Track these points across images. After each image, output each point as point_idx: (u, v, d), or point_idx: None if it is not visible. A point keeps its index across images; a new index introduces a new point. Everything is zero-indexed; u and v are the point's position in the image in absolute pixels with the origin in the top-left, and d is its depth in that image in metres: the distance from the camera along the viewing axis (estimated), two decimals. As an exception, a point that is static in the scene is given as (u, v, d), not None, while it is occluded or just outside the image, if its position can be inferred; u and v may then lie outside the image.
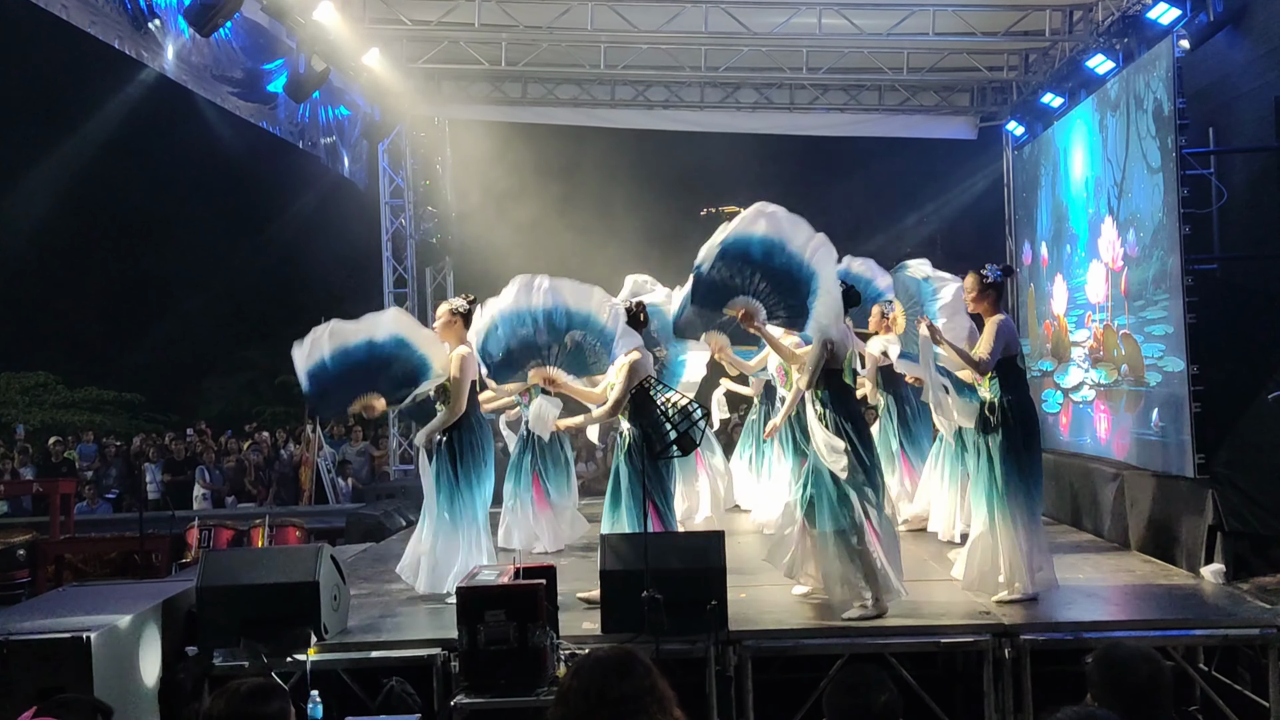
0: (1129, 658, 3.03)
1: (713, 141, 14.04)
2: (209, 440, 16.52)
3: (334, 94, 12.00)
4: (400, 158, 13.90)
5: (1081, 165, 9.83)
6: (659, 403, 5.68)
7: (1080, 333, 9.83)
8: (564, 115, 13.26)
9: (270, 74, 10.30)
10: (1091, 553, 8.14)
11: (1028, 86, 11.97)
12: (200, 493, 14.69)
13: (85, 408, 22.97)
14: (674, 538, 6.41)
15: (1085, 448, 9.72)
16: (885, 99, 13.05)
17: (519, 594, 5.19)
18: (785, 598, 6.80)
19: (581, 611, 6.28)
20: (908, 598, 6.26)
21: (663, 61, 12.04)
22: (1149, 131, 8.16)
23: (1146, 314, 8.26)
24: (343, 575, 6.24)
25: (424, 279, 14.28)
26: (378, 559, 8.95)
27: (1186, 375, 7.51)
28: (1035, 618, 6.06)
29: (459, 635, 5.20)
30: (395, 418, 14.00)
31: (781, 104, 13.13)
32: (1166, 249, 7.84)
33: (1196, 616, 6.04)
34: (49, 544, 10.10)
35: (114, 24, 7.99)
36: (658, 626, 5.21)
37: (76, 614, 5.42)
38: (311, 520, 11.08)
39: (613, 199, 14.47)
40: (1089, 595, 6.92)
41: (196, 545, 9.47)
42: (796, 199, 15.76)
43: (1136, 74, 8.49)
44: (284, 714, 3.06)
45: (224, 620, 5.75)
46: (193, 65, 9.05)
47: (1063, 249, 10.36)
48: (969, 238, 15.41)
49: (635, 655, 2.54)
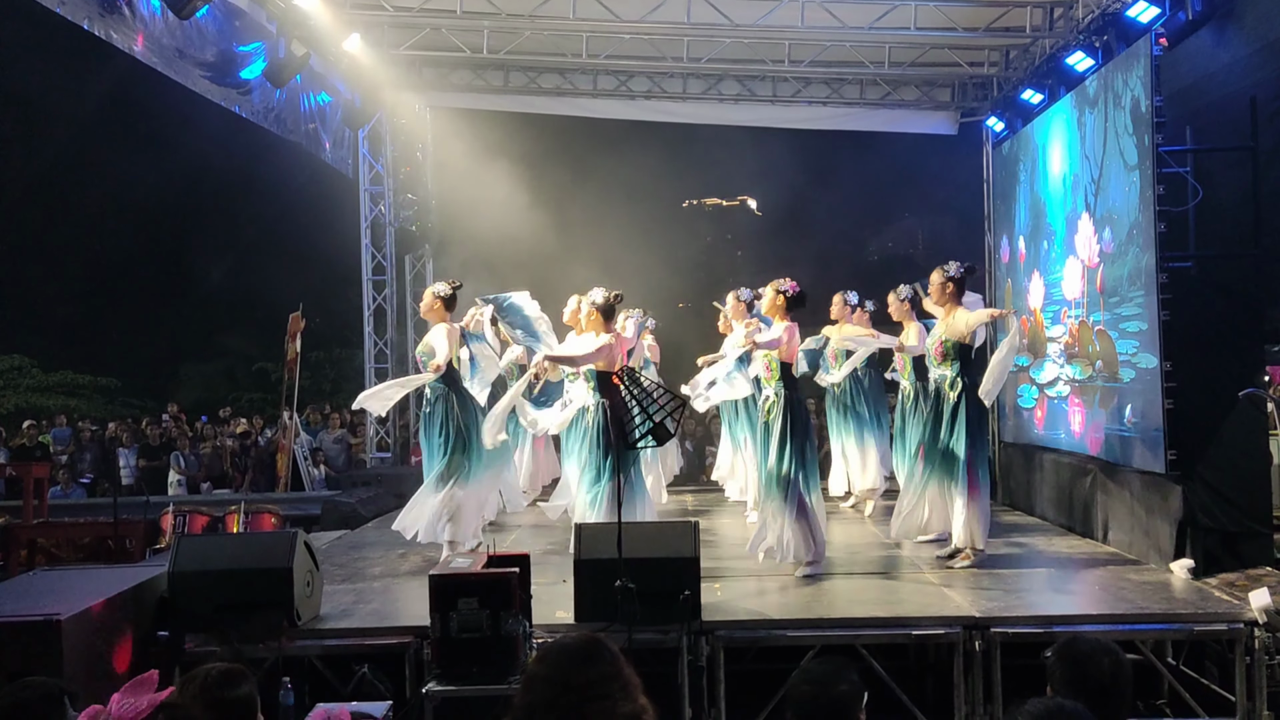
0: (1090, 651, 3.05)
1: (695, 133, 14.03)
2: (184, 426, 16.44)
3: (314, 79, 11.92)
4: (380, 145, 13.84)
5: (1060, 162, 9.88)
6: (635, 391, 5.69)
7: (1056, 328, 9.89)
8: (546, 104, 13.22)
9: (245, 57, 10.19)
10: (1063, 547, 8.22)
11: (1008, 83, 12.00)
12: (175, 478, 14.63)
13: (60, 391, 22.85)
14: (648, 527, 6.43)
15: (1060, 443, 9.78)
16: (867, 93, 13.07)
17: (492, 582, 5.20)
18: (759, 589, 6.84)
19: (554, 600, 6.29)
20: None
21: (645, 52, 12.01)
22: (1126, 129, 8.20)
23: (1121, 310, 8.32)
24: (316, 562, 6.24)
25: (403, 267, 14.23)
26: (353, 546, 8.96)
27: (1160, 372, 7.56)
28: (1006, 611, 6.11)
29: (431, 623, 5.20)
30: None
31: (764, 96, 13.12)
32: (1142, 246, 7.89)
33: (1165, 611, 6.10)
34: (21, 528, 10.04)
35: (83, 4, 7.87)
36: (631, 616, 5.23)
37: (48, 597, 5.39)
38: (287, 507, 11.03)
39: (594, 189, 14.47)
40: (1059, 589, 6.99)
41: (171, 531, 9.43)
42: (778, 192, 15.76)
43: (1115, 71, 8.53)
44: (251, 698, 3.07)
45: (196, 605, 5.74)
46: (164, 47, 8.90)
47: (1040, 245, 10.41)
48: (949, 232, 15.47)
49: (601, 642, 2.55)
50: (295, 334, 14.02)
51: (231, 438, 15.79)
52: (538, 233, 12.75)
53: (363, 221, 13.82)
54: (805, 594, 6.66)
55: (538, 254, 12.50)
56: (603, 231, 13.67)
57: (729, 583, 6.95)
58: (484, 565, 5.49)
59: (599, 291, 7.39)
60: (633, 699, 2.47)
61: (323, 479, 14.34)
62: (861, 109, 13.16)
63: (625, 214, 14.53)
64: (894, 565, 7.55)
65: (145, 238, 24.14)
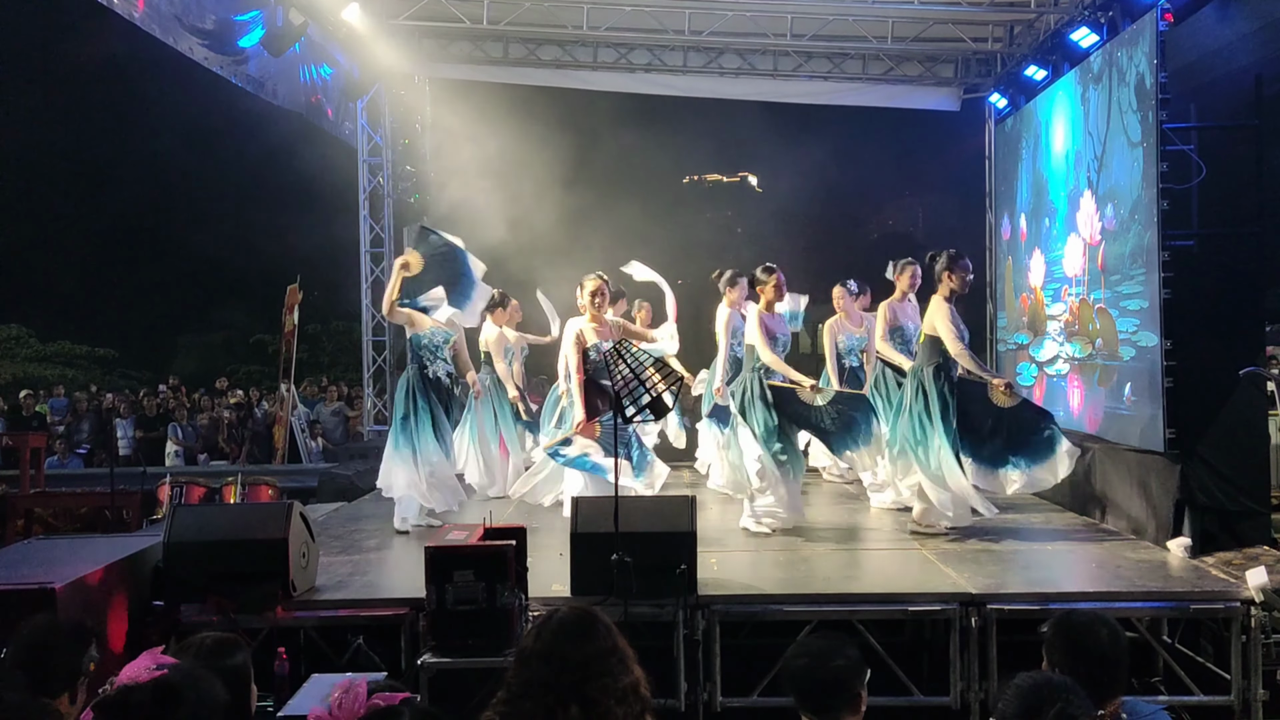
0: (1088, 623, 3.05)
1: (696, 107, 13.93)
2: (182, 397, 16.42)
3: (313, 49, 11.83)
4: (379, 116, 13.75)
5: (1062, 139, 9.83)
6: (633, 365, 5.66)
7: (1056, 306, 9.86)
8: (545, 77, 13.14)
9: (243, 26, 10.11)
10: (1060, 524, 8.21)
11: (1012, 59, 11.92)
12: (172, 449, 14.63)
13: (58, 362, 22.83)
14: (645, 501, 6.42)
15: (1058, 421, 9.74)
16: (869, 68, 12.99)
17: (488, 555, 5.18)
18: (755, 563, 6.84)
19: (551, 573, 6.28)
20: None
21: (646, 24, 11.93)
22: (1130, 105, 8.15)
23: (1122, 289, 8.29)
24: (312, 533, 6.22)
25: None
26: (349, 518, 8.95)
27: (1160, 350, 7.54)
28: (1002, 587, 6.10)
29: (427, 595, 5.19)
30: (371, 378, 13.95)
31: (765, 70, 13.04)
32: (1144, 224, 7.85)
33: (1162, 589, 6.09)
34: (18, 498, 10.03)
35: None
36: (626, 590, 5.21)
37: (43, 566, 5.37)
38: (284, 479, 11.02)
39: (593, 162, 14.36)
40: (1056, 566, 6.98)
41: (168, 502, 9.41)
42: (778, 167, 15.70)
43: (1119, 47, 8.47)
44: (245, 667, 3.07)
45: (191, 575, 5.73)
46: (162, 14, 8.85)
47: (1041, 222, 10.36)
48: (950, 210, 15.39)
49: (596, 615, 2.54)
50: (293, 306, 13.97)
51: (228, 409, 15.77)
52: (536, 206, 12.67)
53: (361, 193, 13.75)
54: (802, 569, 6.66)
55: (536, 228, 12.43)
56: (601, 205, 13.58)
57: (725, 557, 6.95)
58: (480, 538, 5.48)
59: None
60: (630, 670, 2.46)
61: (320, 451, 14.33)
62: (864, 84, 13.08)
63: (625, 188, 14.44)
64: (891, 540, 7.55)
65: (143, 208, 24.06)
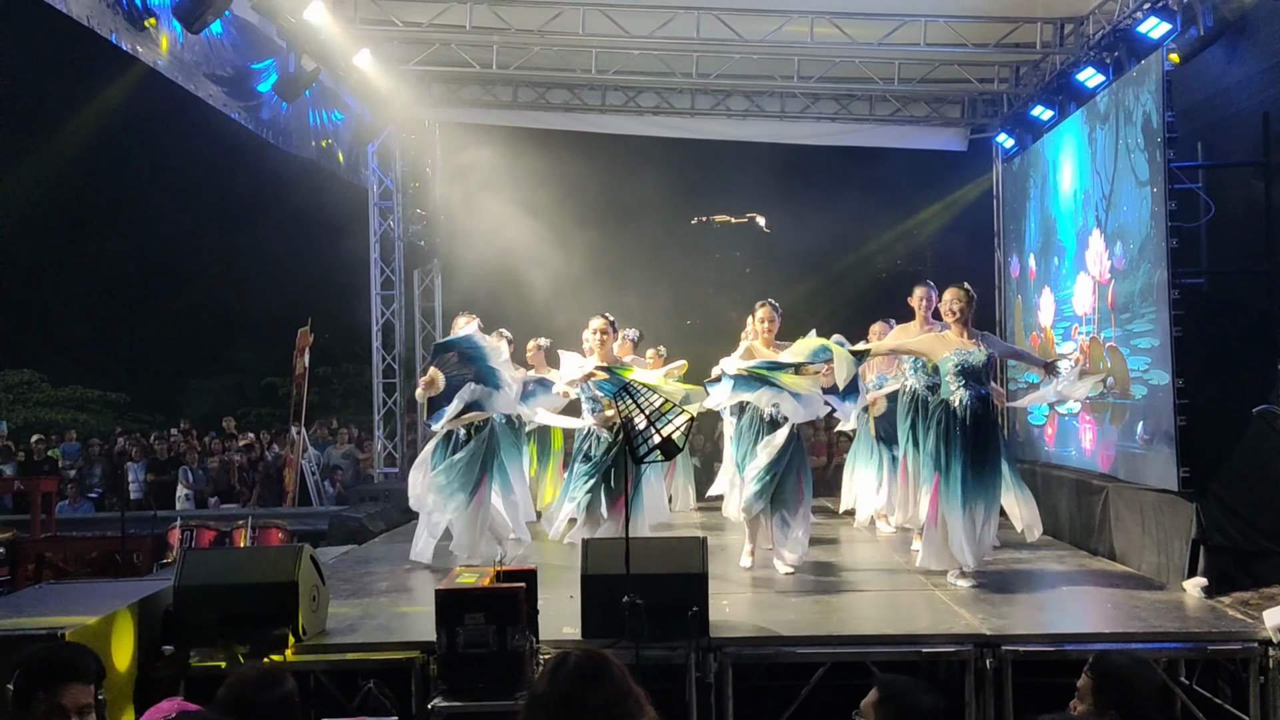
0: (1134, 663, 3.02)
1: (704, 148, 14.03)
2: (193, 440, 16.43)
3: (326, 95, 11.96)
4: (390, 159, 13.85)
5: (1070, 178, 9.85)
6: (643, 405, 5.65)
7: (1067, 345, 9.84)
8: (555, 120, 13.25)
9: (260, 73, 10.25)
10: (1074, 564, 8.15)
11: (1018, 99, 11.99)
12: (183, 493, 14.61)
13: (69, 406, 22.87)
14: (656, 543, 6.39)
15: (1070, 460, 9.73)
16: (876, 109, 13.07)
17: (499, 597, 5.16)
18: (767, 604, 6.79)
19: (561, 616, 6.24)
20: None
21: (654, 67, 12.02)
22: (1138, 145, 8.17)
23: (1133, 327, 8.27)
24: (322, 576, 6.20)
25: (412, 281, 14.23)
26: (359, 561, 8.92)
27: (1172, 389, 7.50)
28: (1017, 629, 6.05)
29: (438, 638, 5.17)
30: (381, 420, 13.96)
31: (772, 112, 13.13)
32: (1154, 262, 7.85)
33: (1179, 630, 6.03)
34: (29, 542, 10.02)
35: (110, 17, 7.92)
36: (638, 632, 5.18)
37: (52, 611, 5.37)
38: (295, 522, 11.02)
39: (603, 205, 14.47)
40: (1072, 607, 6.93)
41: (178, 545, 9.41)
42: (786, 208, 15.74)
43: (1126, 87, 8.50)
44: (293, 695, 3.07)
45: (201, 619, 5.70)
46: (184, 62, 8.99)
47: (1050, 261, 10.37)
48: (958, 249, 15.42)
49: (609, 659, 2.51)
50: (304, 349, 14.04)
51: (239, 452, 15.77)
52: (546, 249, 12.75)
53: (372, 236, 13.83)
54: (814, 610, 6.61)
55: (546, 270, 12.49)
56: (611, 248, 13.67)
57: (737, 598, 6.90)
58: (491, 580, 5.46)
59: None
60: (644, 714, 2.44)
61: (331, 494, 14.32)
62: (871, 125, 13.16)
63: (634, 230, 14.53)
64: (904, 581, 7.49)
65: (155, 252, 24.17)
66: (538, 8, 10.51)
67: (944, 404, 7.28)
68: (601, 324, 8.19)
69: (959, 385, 7.19)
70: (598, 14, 10.46)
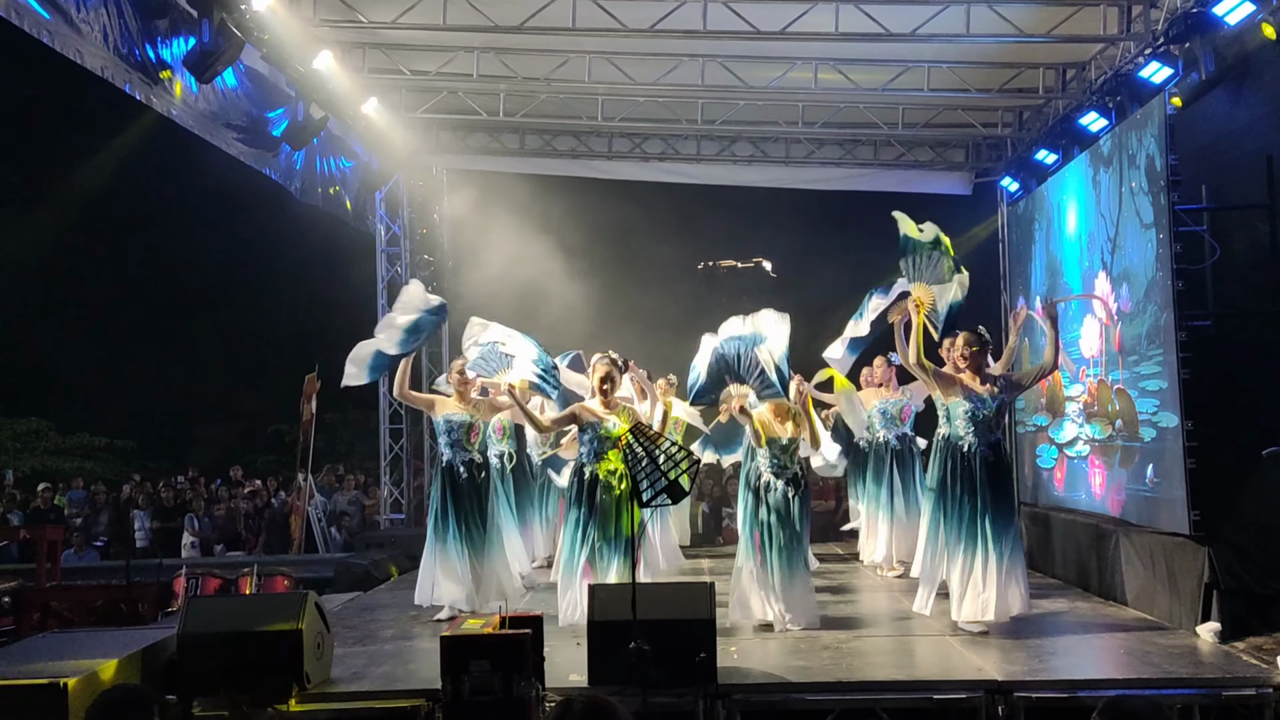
0: (1144, 710, 2.98)
1: (710, 194, 14.09)
2: (200, 488, 16.40)
3: (334, 142, 12.06)
4: (397, 206, 13.93)
5: (1075, 221, 9.87)
6: (650, 448, 5.63)
7: (1074, 387, 9.81)
8: (561, 166, 13.35)
9: (274, 121, 10.36)
10: (1085, 609, 8.07)
11: (1022, 143, 12.05)
12: (189, 540, 14.55)
13: (76, 454, 22.85)
14: (663, 588, 6.35)
15: (1080, 503, 9.66)
16: (880, 154, 13.15)
17: (504, 643, 5.12)
18: (775, 650, 6.73)
19: (568, 663, 6.19)
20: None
21: (660, 114, 12.12)
22: (1142, 188, 8.19)
23: (1140, 369, 8.25)
24: (327, 623, 6.16)
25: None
26: (365, 608, 8.87)
27: (1181, 431, 7.47)
28: (1029, 675, 5.98)
29: (443, 685, 5.13)
30: (388, 466, 13.93)
31: (777, 157, 13.21)
32: (1160, 304, 7.84)
33: (1192, 675, 5.96)
34: (34, 591, 9.95)
35: (123, 69, 7.99)
36: (645, 678, 5.13)
37: (56, 660, 5.34)
38: (300, 569, 10.95)
39: (610, 250, 14.50)
40: (1084, 652, 6.86)
41: (183, 593, 9.35)
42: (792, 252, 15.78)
43: (1129, 131, 8.54)
44: None
45: (205, 668, 5.66)
46: (199, 111, 9.09)
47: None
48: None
49: (614, 706, 2.50)
50: (311, 395, 14.04)
51: (244, 499, 15.74)
52: (552, 294, 12.78)
53: (379, 282, 13.88)
54: (823, 656, 6.55)
55: (553, 315, 12.51)
56: (617, 293, 13.69)
57: (745, 645, 6.85)
58: (497, 626, 5.42)
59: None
60: None
61: (338, 540, 14.26)
62: (875, 169, 13.24)
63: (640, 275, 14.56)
64: (914, 627, 7.42)
65: (161, 300, 24.30)
66: (544, 56, 10.62)
67: (950, 445, 7.21)
68: (606, 370, 7.67)
69: (968, 432, 7.14)
70: (604, 62, 10.56)
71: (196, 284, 24.03)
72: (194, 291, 24.15)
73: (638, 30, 9.43)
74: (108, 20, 7.59)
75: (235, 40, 8.27)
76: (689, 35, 9.52)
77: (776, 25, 9.31)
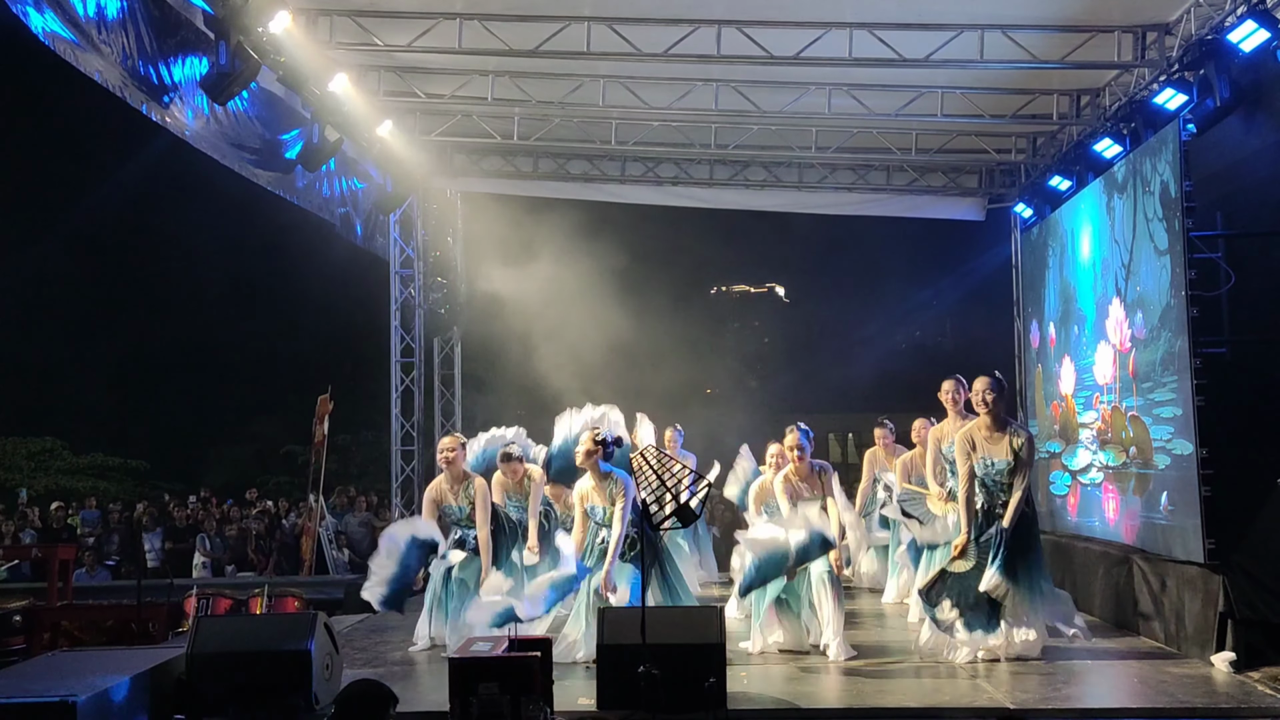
0: None
1: (723, 218, 14.15)
2: (212, 508, 16.42)
3: (348, 165, 12.12)
4: (411, 228, 13.98)
5: (1089, 247, 9.85)
6: (660, 472, 5.62)
7: (1088, 414, 9.77)
8: (575, 190, 13.40)
9: (288, 143, 10.42)
10: (1099, 638, 7.99)
11: (1035, 169, 12.05)
12: (200, 561, 14.56)
13: (90, 474, 22.93)
14: (673, 612, 6.33)
15: (1094, 530, 9.60)
16: (893, 179, 13.16)
17: (513, 666, 5.10)
18: (785, 676, 6.69)
19: (577, 685, 6.17)
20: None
21: (673, 139, 12.15)
22: (1156, 214, 8.17)
23: (1155, 396, 8.21)
24: (336, 644, 6.15)
25: (431, 349, 14.29)
26: (374, 629, 8.86)
27: (1196, 458, 7.42)
28: (1042, 703, 5.93)
29: (451, 708, 5.10)
30: (399, 488, 13.94)
31: (790, 182, 13.24)
32: (1174, 331, 7.81)
33: (1207, 705, 5.91)
34: (46, 610, 9.97)
35: (140, 89, 8.05)
36: (654, 703, 5.10)
37: (65, 679, 5.32)
38: (311, 590, 10.96)
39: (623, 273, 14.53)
40: (1097, 681, 6.80)
41: (194, 613, 9.35)
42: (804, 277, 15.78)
43: (1143, 157, 8.53)
44: None
45: (214, 688, 5.65)
46: (212, 133, 9.15)
47: (1070, 330, 10.34)
48: (978, 318, 15.43)
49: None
50: (323, 416, 14.05)
51: (255, 520, 15.75)
52: (566, 318, 12.80)
53: (392, 304, 13.91)
54: (833, 683, 6.51)
55: (566, 339, 12.53)
56: (631, 316, 13.70)
57: (755, 670, 6.81)
58: (505, 649, 5.40)
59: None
60: None
61: (346, 563, 14.24)
62: (888, 195, 13.26)
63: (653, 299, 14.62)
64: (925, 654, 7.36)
65: (175, 321, 24.43)
66: (558, 80, 10.67)
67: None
68: (589, 446, 7.20)
69: (980, 493, 7.12)
70: (617, 86, 10.60)
71: (208, 304, 24.16)
72: (205, 312, 24.27)
73: (652, 55, 9.46)
74: (126, 41, 7.65)
75: (252, 62, 8.32)
76: (703, 60, 9.56)
77: (790, 50, 9.34)
